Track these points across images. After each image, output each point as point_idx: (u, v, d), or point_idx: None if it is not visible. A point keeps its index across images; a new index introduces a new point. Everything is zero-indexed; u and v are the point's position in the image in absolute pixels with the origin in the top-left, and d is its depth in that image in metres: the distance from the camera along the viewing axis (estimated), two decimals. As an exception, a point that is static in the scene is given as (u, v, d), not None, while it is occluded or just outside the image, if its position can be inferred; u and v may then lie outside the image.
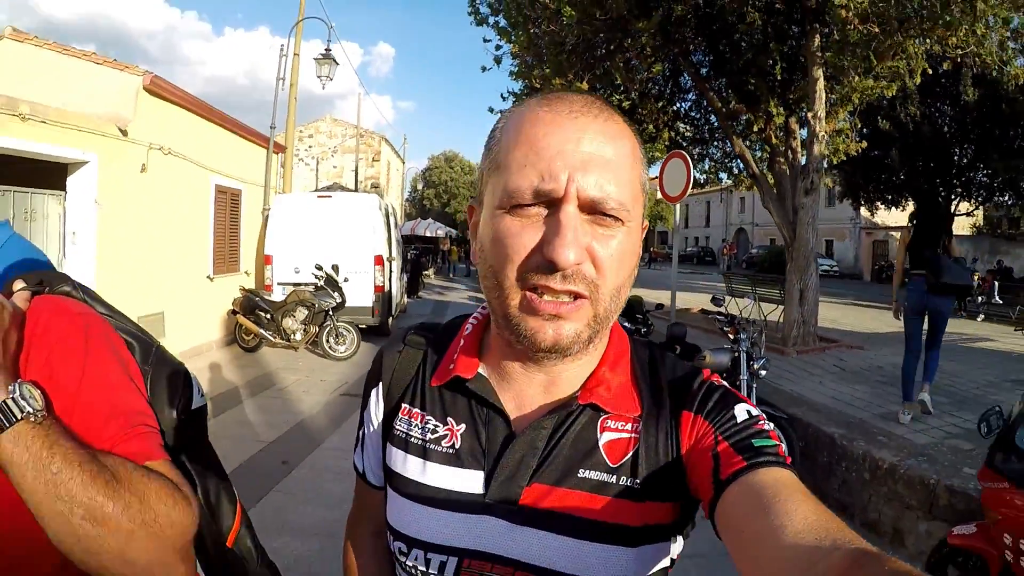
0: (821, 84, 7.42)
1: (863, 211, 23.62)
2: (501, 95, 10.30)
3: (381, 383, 0.81)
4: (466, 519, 0.68)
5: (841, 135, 9.78)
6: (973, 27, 6.20)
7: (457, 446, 0.71)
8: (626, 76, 8.01)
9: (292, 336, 8.27)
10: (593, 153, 0.60)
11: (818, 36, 7.01)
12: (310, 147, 25.57)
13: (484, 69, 9.95)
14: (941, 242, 4.95)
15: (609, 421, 0.68)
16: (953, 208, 18.38)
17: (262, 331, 8.25)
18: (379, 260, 9.57)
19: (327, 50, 11.31)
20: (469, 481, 0.69)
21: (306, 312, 8.22)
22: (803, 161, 7.77)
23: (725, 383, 0.71)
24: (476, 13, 9.29)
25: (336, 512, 3.51)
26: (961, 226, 27.27)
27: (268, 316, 8.31)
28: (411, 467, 0.73)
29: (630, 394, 0.70)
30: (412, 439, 0.74)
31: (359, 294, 9.20)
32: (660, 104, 9.46)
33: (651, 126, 9.51)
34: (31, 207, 6.22)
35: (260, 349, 8.56)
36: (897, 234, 23.56)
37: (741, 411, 0.65)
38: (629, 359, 0.73)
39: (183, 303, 7.92)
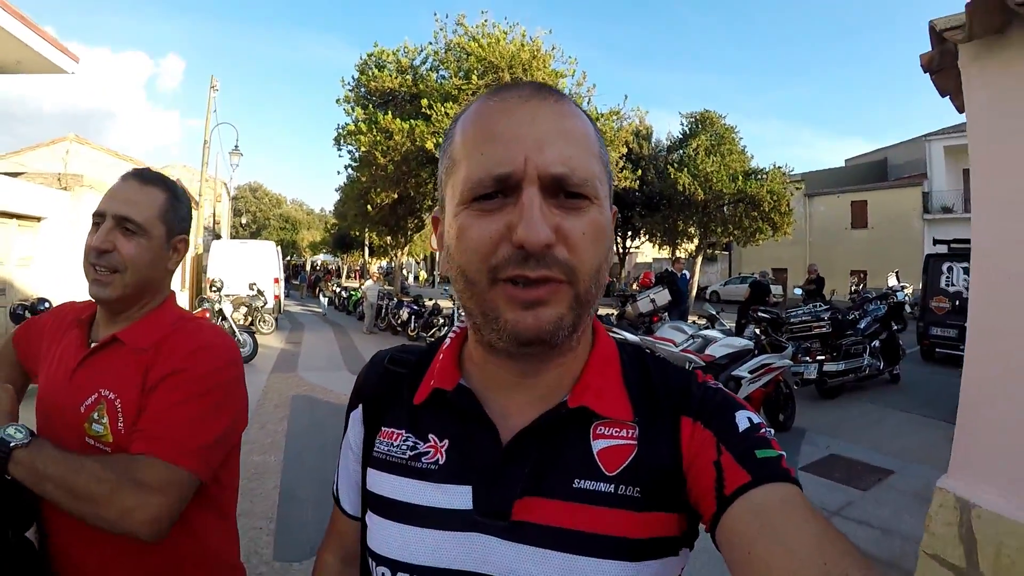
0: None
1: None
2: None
3: (361, 405, 0.79)
4: (454, 537, 0.63)
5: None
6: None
7: (441, 462, 0.67)
8: (417, 191, 16.27)
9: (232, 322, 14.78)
10: (549, 133, 0.58)
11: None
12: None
13: (338, 173, 17.94)
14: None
15: (602, 427, 0.65)
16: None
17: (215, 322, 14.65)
18: (276, 280, 16.38)
19: (236, 146, 17.85)
20: (455, 497, 0.65)
21: (245, 309, 14.78)
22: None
23: (722, 386, 0.68)
24: (337, 142, 16.78)
25: (325, 355, 10.97)
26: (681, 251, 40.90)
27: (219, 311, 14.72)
28: (392, 487, 0.69)
29: (622, 397, 0.66)
30: (393, 459, 0.70)
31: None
32: (433, 197, 18.23)
33: (428, 200, 17.94)
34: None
35: (212, 331, 14.93)
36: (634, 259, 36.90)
37: (743, 418, 0.63)
38: (618, 362, 0.70)
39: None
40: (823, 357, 8.12)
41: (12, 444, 0.97)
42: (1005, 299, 2.04)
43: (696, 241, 27.97)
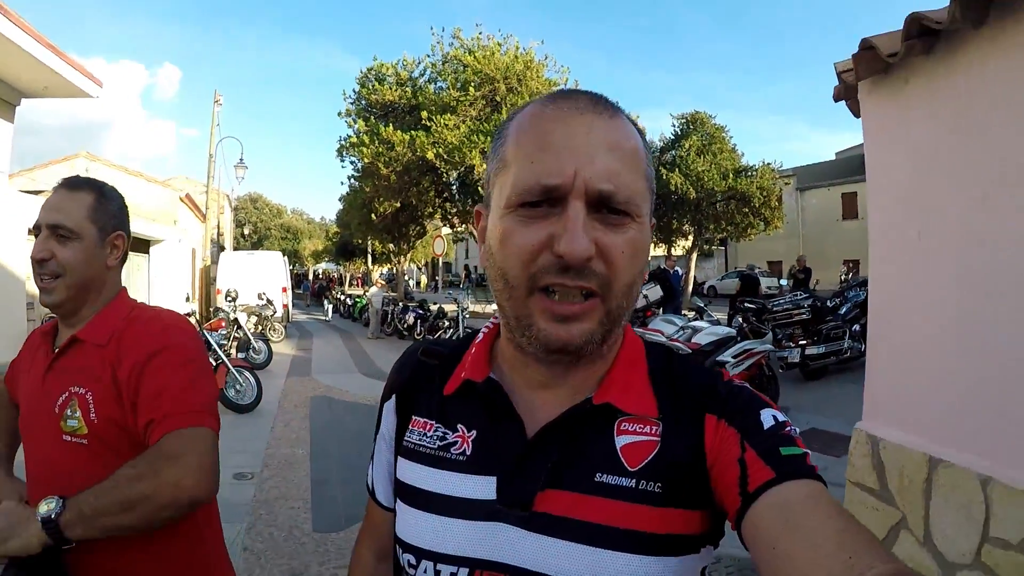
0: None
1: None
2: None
3: (395, 396, 0.80)
4: (477, 527, 0.65)
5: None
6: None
7: (468, 452, 0.69)
8: (419, 199, 16.83)
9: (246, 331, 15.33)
10: (600, 148, 0.59)
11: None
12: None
13: (342, 183, 18.31)
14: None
15: (626, 423, 0.66)
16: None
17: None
18: (284, 289, 16.94)
19: (240, 159, 18.52)
20: (480, 487, 0.66)
21: (256, 318, 15.31)
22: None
23: (748, 384, 0.69)
24: (340, 154, 17.35)
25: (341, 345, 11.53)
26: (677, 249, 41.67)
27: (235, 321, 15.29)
28: (420, 476, 0.71)
29: (647, 394, 0.67)
30: (422, 448, 0.72)
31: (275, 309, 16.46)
32: (435, 204, 18.49)
33: (429, 207, 18.53)
34: (137, 263, 12.90)
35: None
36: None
37: (767, 416, 0.63)
38: (644, 360, 0.71)
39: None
40: (805, 342, 8.67)
41: (53, 515, 1.01)
42: (894, 289, 2.59)
43: (691, 239, 28.52)
